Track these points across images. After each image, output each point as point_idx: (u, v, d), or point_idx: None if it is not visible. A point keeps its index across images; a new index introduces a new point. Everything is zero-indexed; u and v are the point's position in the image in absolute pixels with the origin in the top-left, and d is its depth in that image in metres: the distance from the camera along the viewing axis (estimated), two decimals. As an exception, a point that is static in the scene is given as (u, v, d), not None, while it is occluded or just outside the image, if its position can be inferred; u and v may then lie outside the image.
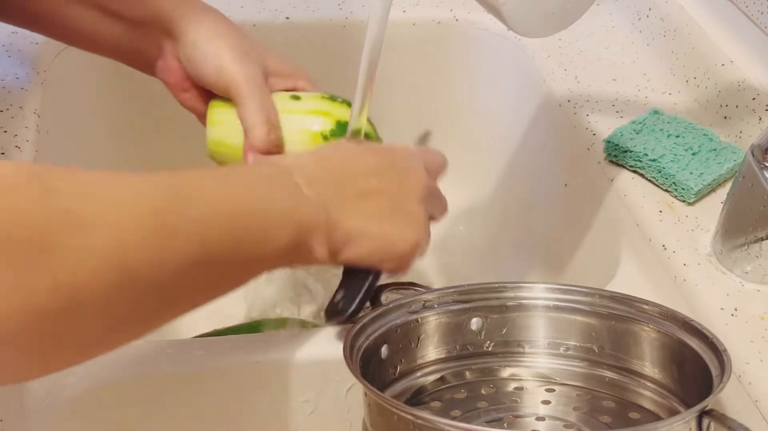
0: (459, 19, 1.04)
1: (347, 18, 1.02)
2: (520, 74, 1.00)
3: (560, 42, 0.99)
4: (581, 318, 0.65)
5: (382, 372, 0.63)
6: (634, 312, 0.63)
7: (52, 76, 0.90)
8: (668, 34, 0.96)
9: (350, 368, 0.56)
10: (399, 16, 1.03)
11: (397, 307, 0.64)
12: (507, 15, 0.65)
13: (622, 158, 0.81)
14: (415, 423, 0.52)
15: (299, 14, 1.01)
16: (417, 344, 0.65)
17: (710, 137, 0.82)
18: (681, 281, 0.70)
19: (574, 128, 0.88)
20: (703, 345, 0.59)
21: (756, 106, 0.83)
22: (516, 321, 0.66)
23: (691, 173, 0.78)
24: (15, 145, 0.80)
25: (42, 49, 0.91)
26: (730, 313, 0.67)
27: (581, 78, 0.94)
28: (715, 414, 0.53)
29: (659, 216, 0.76)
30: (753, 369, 0.62)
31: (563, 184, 0.90)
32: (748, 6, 0.87)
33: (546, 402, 0.63)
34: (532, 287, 0.66)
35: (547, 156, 0.95)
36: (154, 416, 0.65)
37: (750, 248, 0.69)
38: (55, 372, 0.47)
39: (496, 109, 1.04)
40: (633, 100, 0.91)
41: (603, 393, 0.64)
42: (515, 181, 1.01)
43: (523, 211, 0.98)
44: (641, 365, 0.63)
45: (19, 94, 0.86)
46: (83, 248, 0.43)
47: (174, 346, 0.66)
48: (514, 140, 1.00)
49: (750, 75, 0.85)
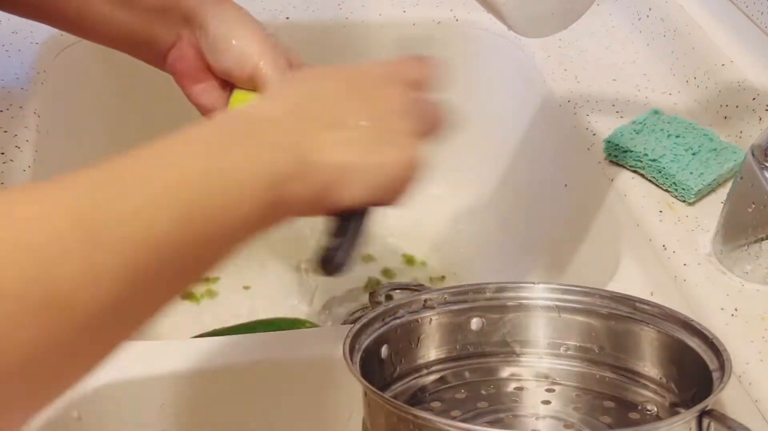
0: (459, 19, 1.04)
1: (347, 18, 1.02)
2: (520, 74, 1.00)
3: (560, 42, 0.99)
4: (581, 318, 0.65)
5: (382, 372, 0.63)
6: (634, 312, 0.63)
7: (52, 76, 0.91)
8: (668, 34, 0.96)
9: (350, 368, 0.56)
10: (399, 16, 1.03)
11: (397, 307, 0.64)
12: (507, 15, 0.65)
13: (622, 158, 0.81)
14: (415, 423, 0.52)
15: (299, 14, 1.01)
16: (417, 344, 0.65)
17: (710, 137, 0.82)
18: (681, 281, 0.70)
19: (574, 128, 0.88)
20: (703, 345, 0.59)
21: (756, 106, 0.83)
22: (516, 321, 0.66)
23: (691, 173, 0.78)
24: (15, 145, 0.80)
25: (42, 49, 0.91)
26: (730, 313, 0.67)
27: (581, 78, 0.94)
28: (715, 414, 0.53)
29: (659, 216, 0.76)
30: (753, 369, 0.62)
31: (563, 184, 0.90)
32: (748, 6, 0.87)
33: (546, 402, 0.63)
34: (532, 287, 0.66)
35: (547, 156, 0.95)
36: (154, 416, 0.65)
37: (750, 248, 0.69)
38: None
39: (495, 109, 1.04)
40: (633, 100, 0.91)
41: (603, 393, 0.64)
42: (515, 181, 1.01)
43: (523, 211, 0.98)
44: (641, 365, 0.63)
45: (19, 94, 0.86)
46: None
47: (174, 346, 0.66)
48: (514, 140, 1.00)
49: (750, 75, 0.85)
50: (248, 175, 0.46)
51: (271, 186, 0.47)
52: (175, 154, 0.45)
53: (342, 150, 0.52)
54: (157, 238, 0.41)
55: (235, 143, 0.47)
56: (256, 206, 0.46)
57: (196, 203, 0.43)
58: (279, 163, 0.48)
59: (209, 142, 0.47)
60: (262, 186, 0.46)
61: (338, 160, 0.51)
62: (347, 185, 0.52)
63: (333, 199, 0.52)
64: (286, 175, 0.48)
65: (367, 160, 0.52)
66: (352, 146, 0.52)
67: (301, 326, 0.88)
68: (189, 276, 0.45)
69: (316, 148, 0.50)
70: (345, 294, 0.98)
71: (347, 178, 0.52)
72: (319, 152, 0.50)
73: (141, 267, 0.40)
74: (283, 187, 0.48)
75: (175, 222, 0.42)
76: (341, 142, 0.52)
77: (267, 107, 0.53)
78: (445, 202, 1.08)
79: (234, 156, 0.46)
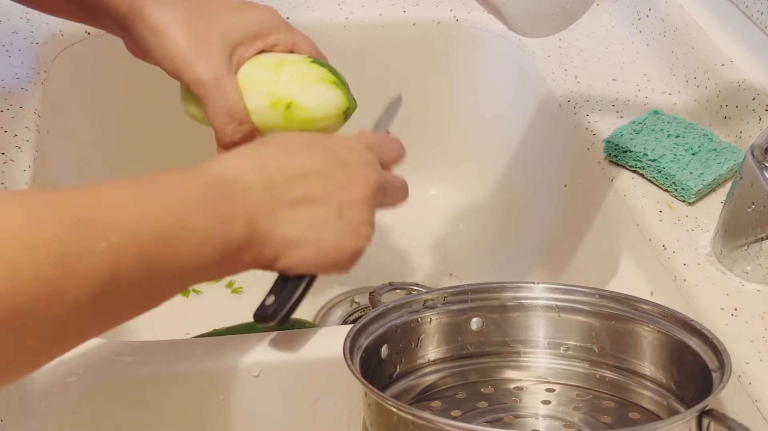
0: (459, 19, 1.04)
1: (347, 18, 1.02)
2: (520, 74, 1.00)
3: (560, 42, 0.99)
4: (581, 318, 0.65)
5: (382, 372, 0.63)
6: (634, 312, 0.63)
7: (52, 76, 0.91)
8: (668, 34, 0.96)
9: (350, 368, 0.56)
10: (399, 16, 1.03)
11: (397, 307, 0.64)
12: (507, 15, 0.65)
13: (622, 158, 0.81)
14: (415, 423, 0.52)
15: (299, 14, 1.01)
16: (417, 344, 0.65)
17: (710, 137, 0.82)
18: (681, 281, 0.70)
19: (574, 128, 0.88)
20: (703, 344, 0.59)
21: (756, 106, 0.83)
22: (516, 321, 0.66)
23: (691, 173, 0.78)
24: (15, 145, 0.80)
25: (42, 49, 0.91)
26: (730, 313, 0.67)
27: (581, 78, 0.94)
28: (715, 414, 0.53)
29: (659, 216, 0.76)
30: (753, 369, 0.62)
31: (563, 184, 0.90)
32: (748, 6, 0.87)
33: (546, 402, 0.63)
34: (532, 287, 0.66)
35: (547, 156, 0.95)
36: (154, 416, 0.65)
37: (750, 248, 0.69)
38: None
39: (496, 109, 1.04)
40: (633, 100, 0.91)
41: (603, 393, 0.64)
42: (515, 181, 1.01)
43: (523, 211, 0.98)
44: (641, 365, 0.63)
45: (19, 94, 0.86)
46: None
47: (174, 346, 0.66)
48: (514, 140, 1.00)
49: (750, 75, 0.85)
50: (205, 241, 0.53)
51: (222, 250, 0.54)
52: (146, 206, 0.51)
53: (299, 228, 0.58)
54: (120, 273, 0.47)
55: (202, 208, 0.54)
56: (207, 262, 0.53)
57: (156, 250, 0.49)
58: (235, 233, 0.55)
59: (181, 204, 0.53)
60: (214, 248, 0.53)
61: (291, 236, 0.58)
62: (294, 259, 0.59)
63: (279, 265, 0.59)
64: (238, 245, 0.55)
65: (317, 240, 0.59)
66: (309, 226, 0.58)
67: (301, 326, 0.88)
68: (144, 305, 0.51)
69: (274, 222, 0.57)
70: (345, 294, 0.98)
71: (295, 253, 0.58)
72: (275, 226, 0.57)
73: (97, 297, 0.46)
74: (234, 251, 0.55)
75: (132, 269, 0.48)
76: (299, 220, 0.58)
77: (244, 174, 0.57)
78: (445, 202, 1.08)
79: (198, 217, 0.53)
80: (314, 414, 0.68)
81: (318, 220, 0.59)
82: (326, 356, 0.65)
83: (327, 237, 0.59)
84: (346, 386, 0.64)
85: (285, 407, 0.67)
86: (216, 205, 0.54)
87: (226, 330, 0.85)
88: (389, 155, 0.67)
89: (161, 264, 0.50)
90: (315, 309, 0.96)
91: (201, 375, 0.65)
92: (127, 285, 0.48)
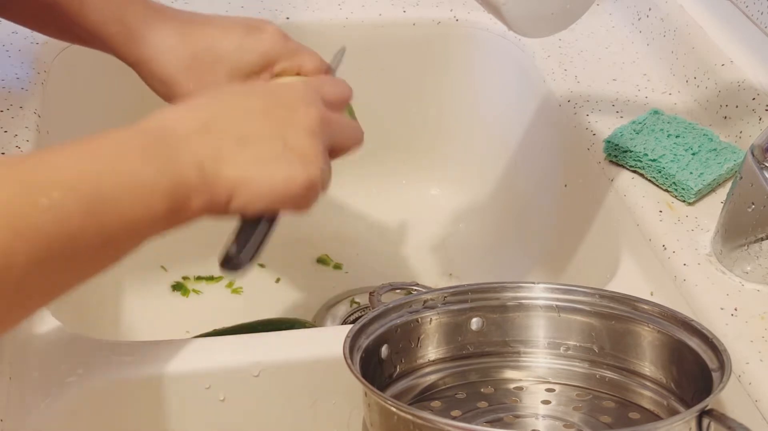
0: (459, 19, 1.04)
1: (347, 18, 1.02)
2: (520, 74, 1.00)
3: (560, 42, 0.99)
4: (581, 318, 0.65)
5: (382, 372, 0.63)
6: (634, 312, 0.63)
7: (52, 76, 0.90)
8: (668, 34, 0.96)
9: (350, 368, 0.56)
10: (399, 16, 1.03)
11: (397, 307, 0.64)
12: (507, 15, 0.65)
13: (622, 158, 0.81)
14: (415, 423, 0.52)
15: (299, 14, 1.01)
16: (417, 344, 0.65)
17: (710, 137, 0.82)
18: (681, 281, 0.70)
19: (574, 128, 0.88)
20: (703, 344, 0.59)
21: (756, 106, 0.83)
22: (516, 321, 0.66)
23: (691, 173, 0.78)
24: (15, 145, 0.80)
25: (42, 49, 0.91)
26: (730, 313, 0.67)
27: (581, 78, 0.94)
28: (715, 414, 0.53)
29: (659, 216, 0.76)
30: (753, 369, 0.62)
31: (563, 184, 0.90)
32: (748, 6, 0.87)
33: (546, 402, 0.63)
34: (532, 287, 0.66)
35: (547, 156, 0.95)
36: (154, 416, 0.65)
37: (750, 248, 0.69)
38: None
39: (496, 109, 1.04)
40: (633, 100, 0.91)
41: (603, 393, 0.64)
42: (515, 181, 1.01)
43: (523, 211, 0.98)
44: (641, 365, 0.63)
45: (19, 94, 0.86)
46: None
47: (174, 346, 0.66)
48: (514, 140, 1.00)
49: (750, 75, 0.85)
50: (150, 190, 0.52)
51: (169, 195, 0.53)
52: (88, 162, 0.51)
53: (246, 166, 0.57)
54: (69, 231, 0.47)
55: (143, 154, 0.53)
56: (156, 213, 0.52)
57: (98, 201, 0.49)
58: (181, 178, 0.54)
59: (122, 157, 0.52)
60: (162, 197, 0.52)
61: (239, 175, 0.56)
62: (246, 197, 0.57)
63: (233, 206, 0.57)
64: (186, 191, 0.54)
65: (267, 176, 0.57)
66: (256, 162, 0.57)
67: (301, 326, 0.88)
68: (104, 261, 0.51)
69: (219, 162, 0.56)
70: (344, 294, 0.98)
71: (246, 190, 0.57)
72: (221, 166, 0.56)
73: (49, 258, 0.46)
74: (183, 197, 0.54)
75: (82, 226, 0.48)
76: (245, 159, 0.57)
77: (182, 121, 0.56)
78: (445, 202, 1.08)
79: (137, 165, 0.52)
80: (314, 414, 0.68)
81: (265, 155, 0.58)
82: (326, 356, 0.65)
83: (276, 170, 0.58)
84: (346, 386, 0.64)
85: (285, 407, 0.67)
86: (158, 154, 0.54)
87: (226, 330, 0.85)
88: (332, 92, 0.65)
89: (109, 218, 0.50)
90: (315, 309, 0.96)
91: (201, 375, 0.65)
92: (79, 242, 0.48)
